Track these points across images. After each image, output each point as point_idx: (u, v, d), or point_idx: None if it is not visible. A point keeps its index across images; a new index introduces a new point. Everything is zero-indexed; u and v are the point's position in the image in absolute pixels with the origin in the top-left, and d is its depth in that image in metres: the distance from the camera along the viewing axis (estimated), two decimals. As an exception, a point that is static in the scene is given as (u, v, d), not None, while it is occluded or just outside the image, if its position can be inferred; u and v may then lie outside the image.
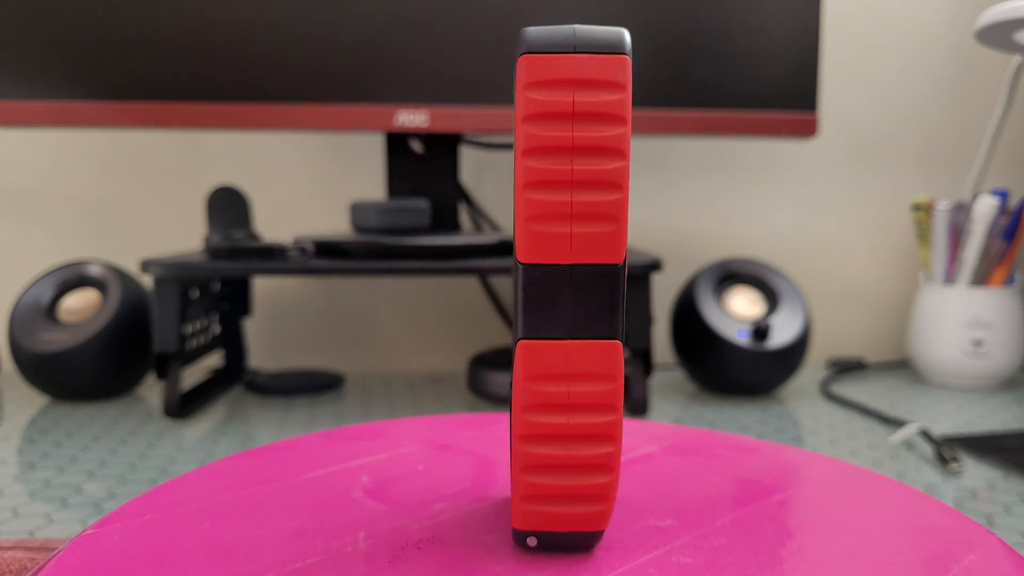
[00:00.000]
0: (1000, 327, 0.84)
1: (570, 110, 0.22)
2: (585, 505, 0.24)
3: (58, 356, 0.73)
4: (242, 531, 0.26)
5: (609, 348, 0.23)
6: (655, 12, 0.79)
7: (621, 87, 0.22)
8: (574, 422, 0.23)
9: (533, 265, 0.23)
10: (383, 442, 0.37)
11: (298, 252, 0.73)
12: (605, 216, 0.23)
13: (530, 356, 0.23)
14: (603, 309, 0.23)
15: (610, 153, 0.22)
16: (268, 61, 0.76)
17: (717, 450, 0.36)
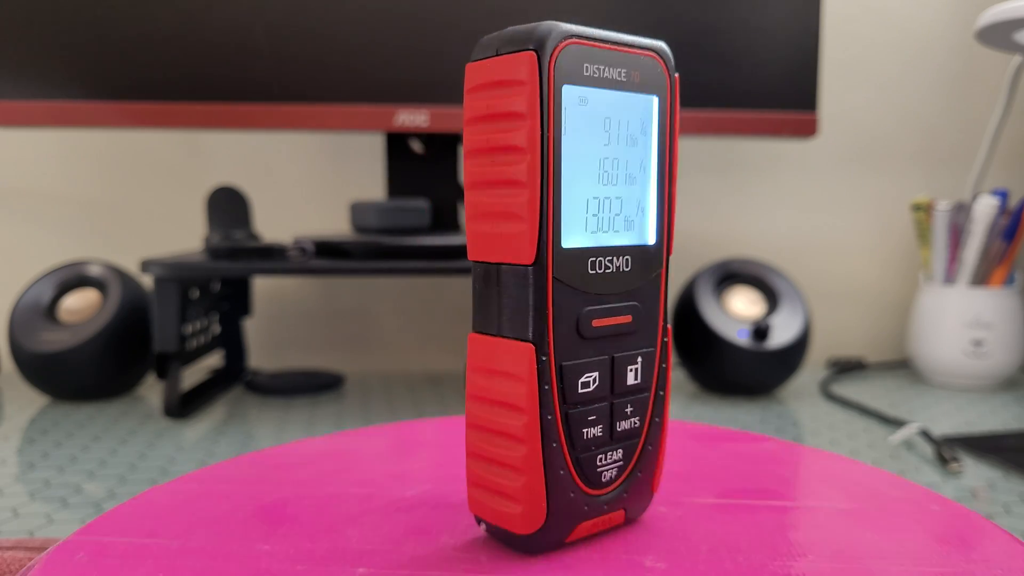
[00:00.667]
0: (1000, 327, 0.84)
1: (486, 113, 0.23)
2: (508, 503, 0.24)
3: (58, 356, 0.73)
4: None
5: (523, 350, 0.23)
6: (655, 12, 0.79)
7: (522, 83, 0.22)
8: (495, 418, 0.24)
9: (475, 262, 0.24)
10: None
11: (298, 252, 0.73)
12: (514, 216, 0.22)
13: (472, 348, 0.24)
14: (519, 310, 0.23)
15: (515, 151, 0.22)
16: (268, 61, 0.76)
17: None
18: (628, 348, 0.25)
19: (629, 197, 0.24)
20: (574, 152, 0.23)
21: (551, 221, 0.22)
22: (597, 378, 0.24)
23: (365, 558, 0.24)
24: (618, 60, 0.23)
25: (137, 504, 0.29)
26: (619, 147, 0.24)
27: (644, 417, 0.26)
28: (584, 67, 0.23)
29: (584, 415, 0.24)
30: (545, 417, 0.23)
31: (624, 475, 0.25)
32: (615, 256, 0.24)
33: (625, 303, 0.24)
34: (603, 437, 0.24)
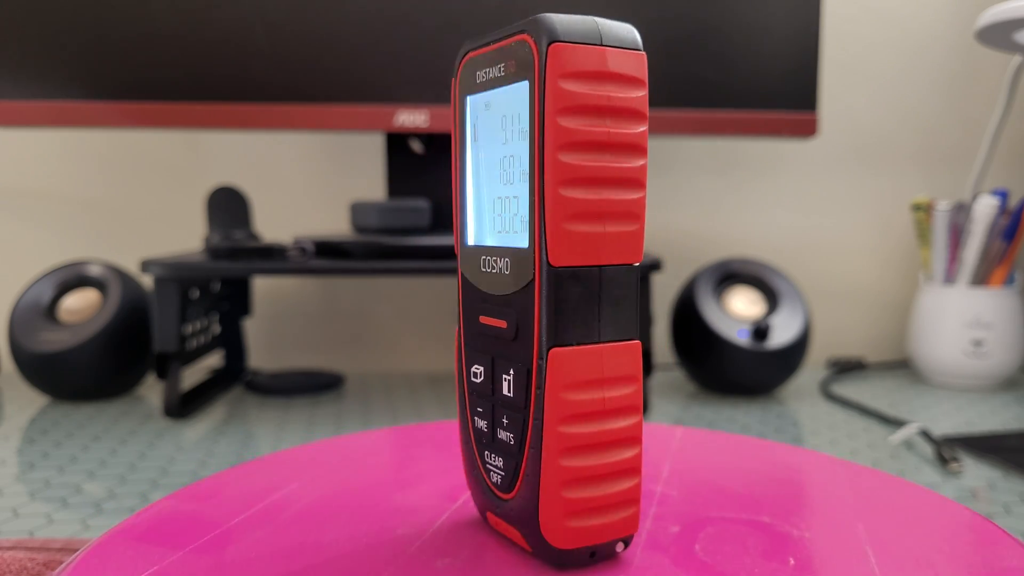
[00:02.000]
0: (1000, 327, 0.84)
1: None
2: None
3: (58, 356, 0.73)
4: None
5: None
6: (655, 12, 0.79)
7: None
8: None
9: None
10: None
11: (298, 252, 0.73)
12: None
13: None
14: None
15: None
16: (268, 61, 0.76)
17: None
18: (505, 356, 0.24)
19: (524, 196, 0.22)
20: (482, 155, 0.24)
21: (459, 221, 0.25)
22: (482, 373, 0.25)
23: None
24: (496, 56, 0.23)
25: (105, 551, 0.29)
26: (516, 144, 0.23)
27: (520, 439, 0.23)
28: (476, 75, 0.24)
29: (474, 404, 0.25)
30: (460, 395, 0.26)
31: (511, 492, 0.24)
32: (497, 257, 0.24)
33: (503, 307, 0.24)
34: (488, 434, 0.25)
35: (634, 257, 0.23)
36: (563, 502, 0.22)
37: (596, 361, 0.22)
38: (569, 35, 0.21)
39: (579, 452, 0.22)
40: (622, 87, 0.22)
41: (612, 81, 0.21)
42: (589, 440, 0.22)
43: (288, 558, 0.25)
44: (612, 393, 0.22)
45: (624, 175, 0.22)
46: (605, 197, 0.22)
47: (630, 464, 0.23)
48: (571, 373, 0.22)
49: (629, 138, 0.22)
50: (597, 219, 0.22)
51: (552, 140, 0.21)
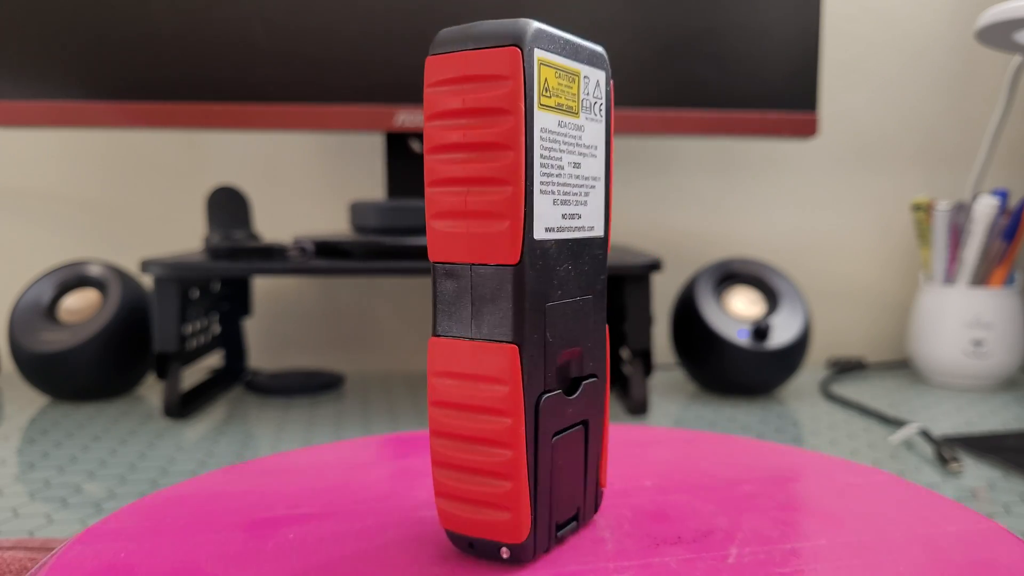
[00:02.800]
0: (1000, 327, 0.84)
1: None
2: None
3: (58, 356, 0.73)
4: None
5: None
6: (656, 13, 0.79)
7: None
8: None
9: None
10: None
11: (298, 252, 0.73)
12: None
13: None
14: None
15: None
16: (268, 61, 0.76)
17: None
18: None
19: None
20: None
21: None
22: None
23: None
24: None
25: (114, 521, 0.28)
26: None
27: None
28: None
29: None
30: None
31: None
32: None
33: None
34: None
35: (505, 257, 0.22)
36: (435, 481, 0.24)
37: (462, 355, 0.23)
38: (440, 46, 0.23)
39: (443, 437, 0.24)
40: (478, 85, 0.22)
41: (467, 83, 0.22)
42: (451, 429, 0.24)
43: (288, 559, 0.25)
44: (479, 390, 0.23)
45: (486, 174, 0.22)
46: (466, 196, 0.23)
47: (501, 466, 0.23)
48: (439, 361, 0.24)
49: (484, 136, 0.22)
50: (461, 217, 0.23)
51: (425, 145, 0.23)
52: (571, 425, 0.25)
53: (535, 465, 0.23)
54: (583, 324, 0.25)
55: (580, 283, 0.25)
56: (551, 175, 0.23)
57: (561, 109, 0.23)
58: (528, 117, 0.22)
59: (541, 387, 0.23)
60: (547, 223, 0.23)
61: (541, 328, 0.23)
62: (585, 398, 0.26)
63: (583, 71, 0.24)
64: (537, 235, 0.23)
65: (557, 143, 0.23)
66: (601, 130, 0.26)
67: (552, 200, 0.23)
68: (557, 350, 0.24)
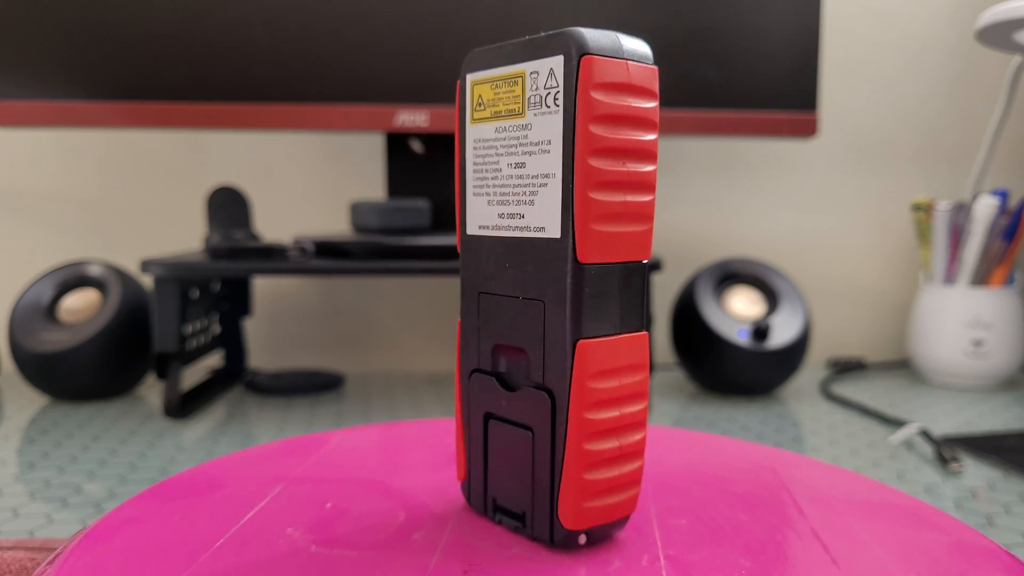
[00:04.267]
0: (1000, 327, 0.84)
1: (628, 114, 0.24)
2: (625, 492, 0.25)
3: (58, 356, 0.73)
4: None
5: (642, 340, 0.25)
6: (656, 13, 0.79)
7: (656, 96, 0.24)
8: (624, 413, 0.25)
9: (592, 265, 0.24)
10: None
11: (298, 252, 0.73)
12: (646, 216, 0.24)
13: (588, 355, 0.24)
14: (637, 304, 0.25)
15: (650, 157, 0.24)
16: (268, 61, 0.76)
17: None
18: None
19: None
20: None
21: None
22: None
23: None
24: None
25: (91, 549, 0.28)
26: None
27: None
28: None
29: None
30: None
31: None
32: None
33: None
34: None
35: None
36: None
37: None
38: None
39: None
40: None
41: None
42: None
43: (286, 562, 0.25)
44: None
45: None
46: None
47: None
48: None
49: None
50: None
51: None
52: (512, 421, 0.26)
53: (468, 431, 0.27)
54: (528, 327, 0.25)
55: (522, 283, 0.25)
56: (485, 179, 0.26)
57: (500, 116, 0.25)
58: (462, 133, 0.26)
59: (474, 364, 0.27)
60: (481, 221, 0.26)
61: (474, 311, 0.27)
62: (525, 403, 0.26)
63: (529, 68, 0.25)
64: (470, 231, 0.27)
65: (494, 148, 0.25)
66: (556, 121, 0.24)
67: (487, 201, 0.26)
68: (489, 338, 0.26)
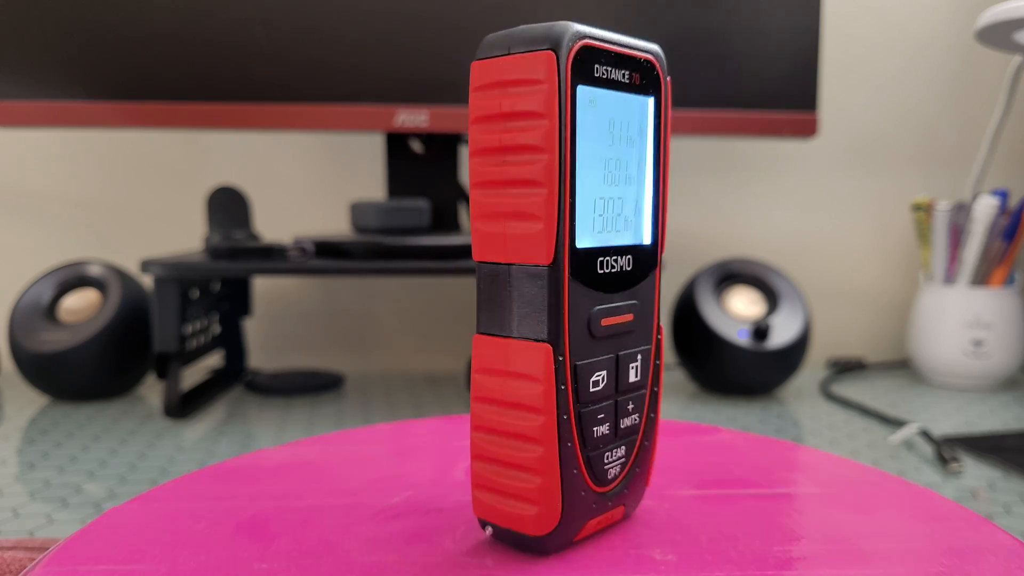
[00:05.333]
0: (1000, 327, 0.84)
1: (499, 111, 0.23)
2: (522, 505, 0.24)
3: (58, 356, 0.73)
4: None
5: (540, 350, 0.23)
6: (656, 13, 0.79)
7: (541, 82, 0.22)
8: (508, 419, 0.24)
9: (482, 263, 0.24)
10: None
11: (298, 252, 0.73)
12: (531, 215, 0.23)
13: (479, 350, 0.24)
14: (536, 311, 0.23)
15: (534, 150, 0.22)
16: (268, 61, 0.76)
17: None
18: (630, 346, 0.25)
19: (628, 197, 0.25)
20: (584, 152, 0.23)
21: (568, 221, 0.23)
22: (605, 376, 0.24)
23: (372, 570, 0.24)
24: (622, 62, 0.24)
25: (102, 527, 0.27)
26: (621, 148, 0.24)
27: (642, 414, 0.26)
28: (595, 68, 0.23)
29: (594, 413, 0.24)
30: (561, 417, 0.23)
31: (625, 471, 0.26)
32: (619, 256, 0.25)
33: (628, 302, 0.25)
34: (609, 435, 0.25)
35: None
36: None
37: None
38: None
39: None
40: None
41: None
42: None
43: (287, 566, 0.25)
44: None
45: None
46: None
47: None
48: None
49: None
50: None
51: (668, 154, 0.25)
52: None
53: None
54: None
55: None
56: None
57: None
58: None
59: None
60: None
61: None
62: None
63: None
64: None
65: None
66: None
67: None
68: None
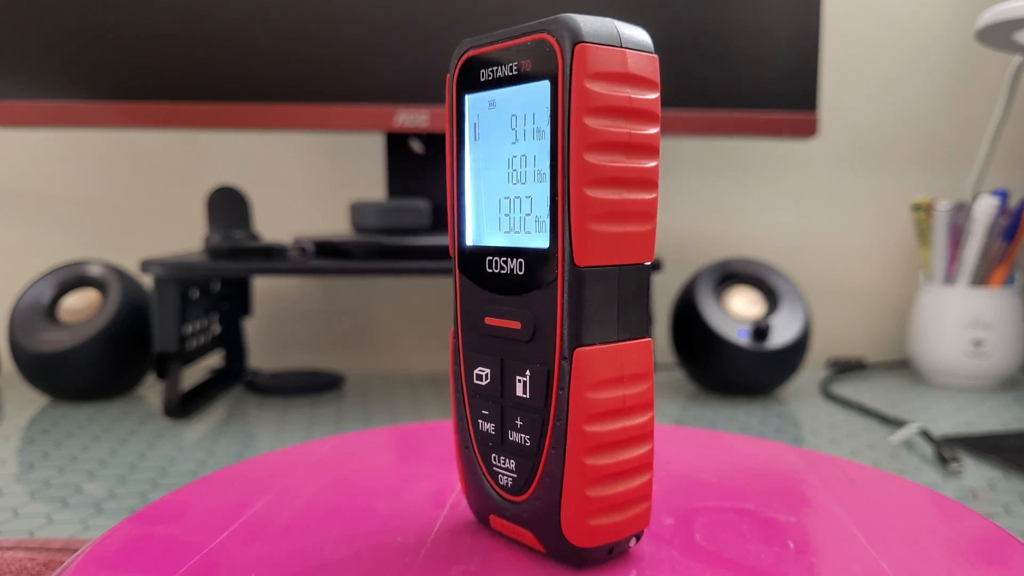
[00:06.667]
0: (1000, 327, 0.84)
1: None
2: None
3: (58, 356, 0.73)
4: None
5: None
6: (656, 13, 0.79)
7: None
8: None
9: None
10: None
11: (298, 252, 0.73)
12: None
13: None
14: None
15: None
16: (268, 61, 0.76)
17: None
18: (518, 357, 0.23)
19: (539, 195, 0.22)
20: (487, 153, 0.24)
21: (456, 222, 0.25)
22: (489, 375, 0.24)
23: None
24: (507, 56, 0.23)
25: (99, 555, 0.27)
26: (528, 143, 0.23)
27: (538, 440, 0.23)
28: (480, 73, 0.24)
29: (479, 406, 0.25)
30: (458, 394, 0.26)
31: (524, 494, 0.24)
32: (509, 257, 0.23)
33: (515, 308, 0.23)
34: (496, 437, 0.25)
35: (648, 256, 0.23)
36: (587, 501, 0.22)
37: (616, 360, 0.22)
38: (593, 36, 0.21)
39: (602, 450, 0.22)
40: (640, 89, 0.22)
41: (632, 83, 0.22)
42: (611, 438, 0.22)
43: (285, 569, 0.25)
44: (630, 391, 0.23)
45: (642, 176, 0.22)
46: (625, 197, 0.22)
47: (645, 460, 0.23)
48: (595, 372, 0.22)
49: (647, 139, 0.22)
50: (619, 219, 0.22)
51: (578, 141, 0.21)
52: None
53: None
54: None
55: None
56: None
57: None
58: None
59: None
60: None
61: None
62: None
63: None
64: None
65: None
66: None
67: None
68: None
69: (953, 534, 0.27)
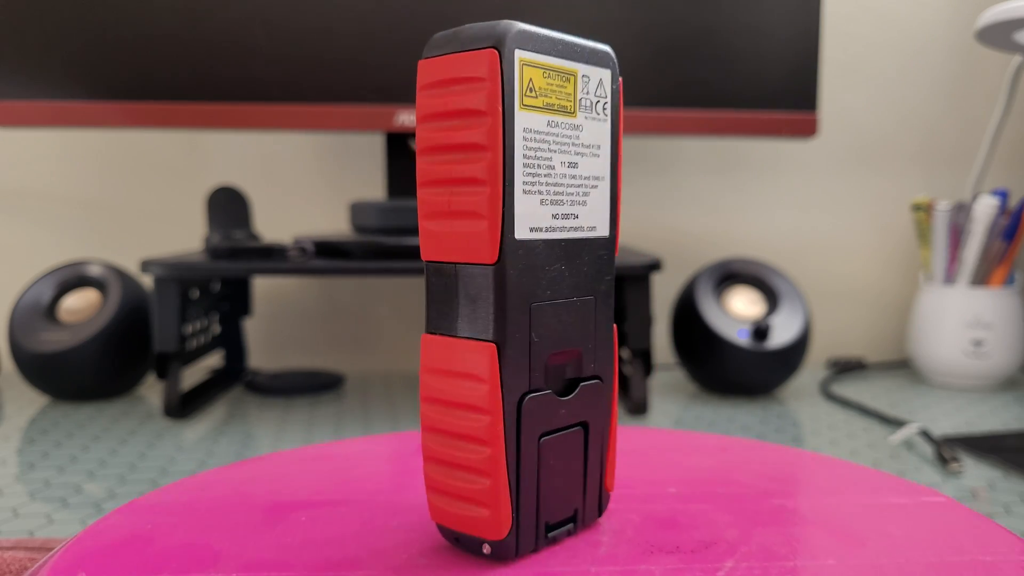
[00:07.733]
0: (1000, 327, 0.84)
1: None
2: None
3: (58, 356, 0.73)
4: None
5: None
6: (656, 13, 0.79)
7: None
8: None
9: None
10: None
11: (298, 252, 0.73)
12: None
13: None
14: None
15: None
16: (268, 61, 0.76)
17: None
18: None
19: None
20: None
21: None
22: None
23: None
24: None
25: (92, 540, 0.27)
26: None
27: None
28: None
29: None
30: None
31: None
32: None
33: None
34: None
35: (486, 257, 0.23)
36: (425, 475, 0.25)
37: (447, 352, 0.24)
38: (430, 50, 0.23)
39: (430, 432, 0.24)
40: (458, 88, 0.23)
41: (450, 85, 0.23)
42: (438, 425, 0.24)
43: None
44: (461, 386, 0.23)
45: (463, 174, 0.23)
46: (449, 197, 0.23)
47: (480, 464, 0.23)
48: (429, 358, 0.24)
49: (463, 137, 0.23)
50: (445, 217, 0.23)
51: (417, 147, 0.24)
52: (566, 426, 0.25)
53: (517, 464, 0.24)
54: (582, 325, 0.25)
55: (578, 284, 0.25)
56: (538, 175, 0.23)
57: (552, 109, 0.24)
58: (507, 118, 0.22)
59: (525, 387, 0.24)
60: (533, 223, 0.23)
61: (525, 328, 0.23)
62: (583, 400, 0.26)
63: (581, 70, 0.24)
64: (519, 235, 0.23)
65: (546, 143, 0.23)
66: (605, 129, 0.26)
67: (539, 200, 0.23)
68: (545, 350, 0.24)
69: (953, 534, 0.27)
